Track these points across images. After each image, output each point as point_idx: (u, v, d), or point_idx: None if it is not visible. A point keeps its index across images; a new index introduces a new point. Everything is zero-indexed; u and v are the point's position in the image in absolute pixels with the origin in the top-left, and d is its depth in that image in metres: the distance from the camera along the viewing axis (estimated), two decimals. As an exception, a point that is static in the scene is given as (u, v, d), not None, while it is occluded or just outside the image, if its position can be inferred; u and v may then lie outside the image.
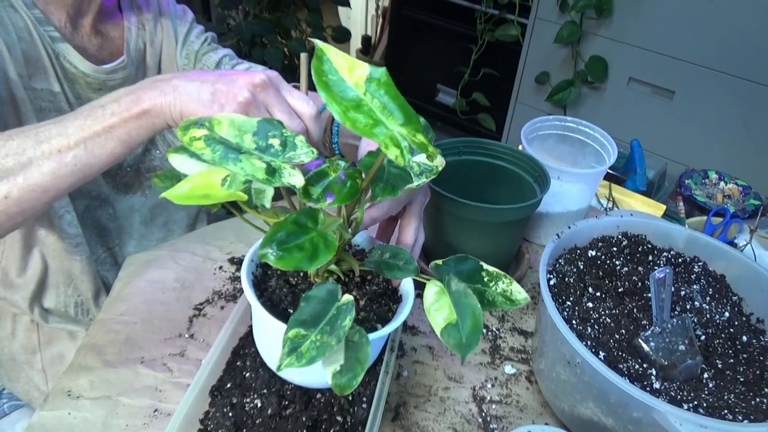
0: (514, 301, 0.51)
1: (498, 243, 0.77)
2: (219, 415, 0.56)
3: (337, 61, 0.41)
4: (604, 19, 1.63)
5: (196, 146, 0.43)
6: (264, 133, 0.46)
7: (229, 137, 0.45)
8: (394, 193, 0.50)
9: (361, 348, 0.46)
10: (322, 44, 0.41)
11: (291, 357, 0.42)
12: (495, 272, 0.52)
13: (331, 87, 0.40)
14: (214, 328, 0.71)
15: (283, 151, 0.46)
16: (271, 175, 0.43)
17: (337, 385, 0.44)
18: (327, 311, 0.45)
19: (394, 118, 0.41)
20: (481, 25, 2.12)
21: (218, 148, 0.43)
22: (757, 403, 0.54)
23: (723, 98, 1.51)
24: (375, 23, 2.98)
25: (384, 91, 0.41)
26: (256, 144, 0.45)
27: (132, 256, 0.82)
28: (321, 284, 0.46)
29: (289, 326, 0.43)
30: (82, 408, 0.59)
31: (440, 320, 0.47)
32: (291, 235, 0.43)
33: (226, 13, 1.99)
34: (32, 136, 0.54)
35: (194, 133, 0.44)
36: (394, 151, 0.40)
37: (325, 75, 0.41)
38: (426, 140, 0.41)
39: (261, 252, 0.42)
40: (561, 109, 1.83)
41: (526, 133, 0.89)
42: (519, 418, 0.64)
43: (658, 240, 0.73)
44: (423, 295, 0.49)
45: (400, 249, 0.53)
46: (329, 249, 0.44)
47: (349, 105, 0.40)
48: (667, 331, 0.59)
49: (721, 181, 1.26)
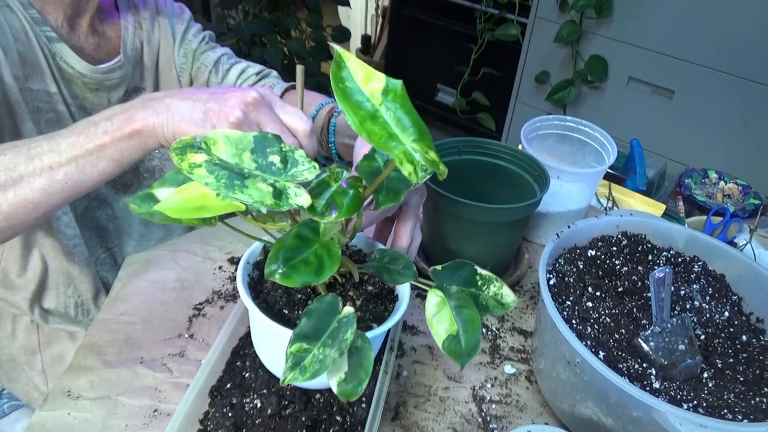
0: (504, 304, 0.52)
1: (498, 243, 0.77)
2: (219, 415, 0.56)
3: (355, 70, 0.41)
4: (603, 19, 1.63)
5: (198, 174, 0.40)
6: (262, 149, 0.44)
7: (227, 157, 0.43)
8: (398, 199, 0.50)
9: (364, 354, 0.46)
10: (342, 51, 0.40)
11: (294, 371, 0.42)
12: (487, 275, 0.53)
13: (348, 95, 0.40)
14: (213, 328, 0.71)
15: (284, 168, 0.44)
16: (278, 198, 0.41)
17: (343, 393, 0.45)
18: (328, 324, 0.45)
19: (408, 134, 0.41)
20: (481, 24, 2.11)
21: (222, 175, 0.41)
22: (756, 402, 0.54)
23: (723, 98, 1.51)
24: (375, 23, 2.98)
25: (399, 105, 0.41)
26: (256, 163, 0.44)
27: (132, 256, 0.82)
28: (321, 297, 0.47)
29: (291, 341, 0.43)
30: (82, 408, 0.59)
31: (442, 332, 0.48)
32: (295, 250, 0.44)
33: (225, 12, 1.99)
34: (24, 151, 0.54)
35: (193, 159, 0.41)
36: (408, 167, 0.40)
37: (342, 82, 0.40)
38: (437, 158, 0.41)
39: (268, 270, 0.42)
40: (561, 109, 1.83)
41: (525, 133, 0.89)
42: (519, 418, 0.64)
43: (658, 239, 0.73)
44: (425, 303, 0.50)
45: (399, 254, 0.54)
46: (334, 261, 0.44)
47: (366, 115, 0.40)
48: (667, 331, 0.59)
49: (721, 181, 1.26)
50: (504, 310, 0.52)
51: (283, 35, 2.02)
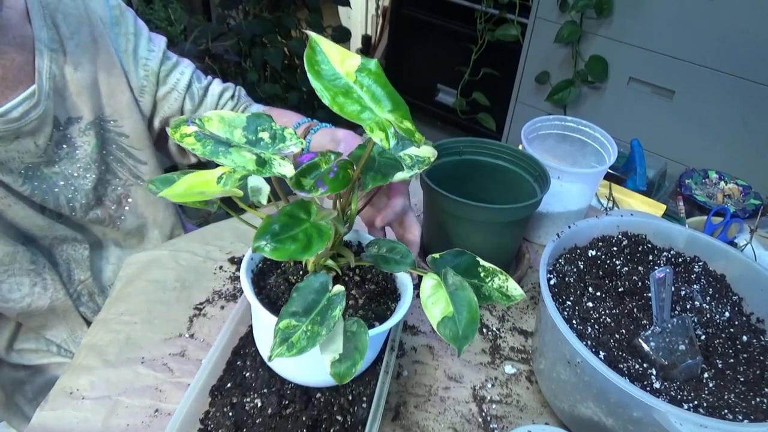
0: (510, 296, 0.52)
1: (498, 243, 0.77)
2: (219, 415, 0.56)
3: (330, 52, 0.43)
4: (604, 19, 1.63)
5: (187, 142, 0.43)
6: (253, 127, 0.47)
7: (219, 133, 0.45)
8: (385, 180, 0.51)
9: (359, 337, 0.46)
10: (314, 35, 0.42)
11: (282, 347, 0.43)
12: (491, 268, 0.53)
13: (322, 76, 0.42)
14: (214, 327, 0.71)
15: (273, 143, 0.46)
16: (261, 165, 0.43)
17: (336, 374, 0.45)
18: (318, 302, 0.45)
19: (382, 106, 0.42)
20: (481, 24, 2.11)
21: (208, 143, 0.44)
22: (757, 402, 0.54)
23: (723, 98, 1.51)
24: (375, 23, 2.98)
25: (374, 80, 0.43)
26: (246, 138, 0.46)
27: (132, 256, 0.81)
28: (312, 275, 0.47)
29: (280, 317, 0.44)
30: (83, 408, 0.59)
31: (437, 313, 0.47)
32: (284, 227, 0.44)
33: (226, 12, 1.98)
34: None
35: (185, 130, 0.44)
36: (380, 134, 0.41)
37: (317, 64, 0.42)
38: (413, 126, 0.42)
39: (255, 244, 0.42)
40: (561, 109, 1.83)
41: (526, 133, 0.89)
42: (519, 418, 0.64)
43: (659, 240, 0.73)
44: (420, 287, 0.50)
45: (397, 243, 0.55)
46: (323, 239, 0.44)
47: (339, 91, 0.42)
48: (667, 331, 0.59)
49: (722, 181, 1.26)
50: (510, 302, 0.52)
51: (283, 35, 2.02)
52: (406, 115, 0.43)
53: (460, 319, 0.46)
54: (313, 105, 2.13)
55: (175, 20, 1.92)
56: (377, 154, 0.54)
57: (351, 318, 0.48)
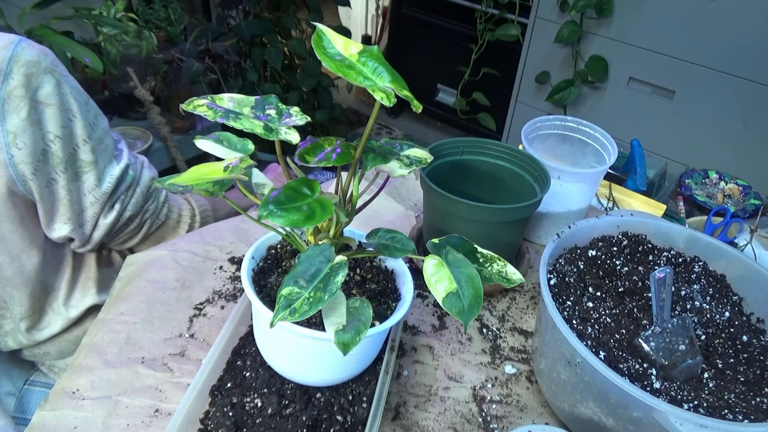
0: (510, 280, 0.53)
1: (498, 243, 0.77)
2: (219, 415, 0.56)
3: (335, 40, 0.47)
4: (604, 19, 1.63)
5: (199, 109, 0.49)
6: (261, 106, 0.52)
7: (229, 108, 0.51)
8: (385, 161, 0.54)
9: (362, 311, 0.48)
10: (321, 27, 0.46)
11: (284, 312, 0.43)
12: (490, 255, 0.55)
13: (329, 55, 0.46)
14: (214, 327, 0.71)
15: (279, 118, 0.51)
16: (269, 131, 0.49)
17: (340, 342, 0.46)
18: (321, 270, 0.46)
19: (383, 78, 0.46)
20: (481, 24, 2.12)
21: (219, 112, 0.49)
22: (757, 402, 0.54)
23: (723, 98, 1.51)
24: (375, 23, 2.98)
25: (375, 60, 0.47)
26: (254, 114, 0.51)
27: (132, 256, 0.81)
28: (316, 246, 0.48)
29: (283, 284, 0.45)
30: (83, 408, 0.59)
31: (441, 290, 0.48)
32: (289, 198, 0.45)
33: (226, 12, 1.98)
34: None
35: (198, 103, 0.50)
36: (380, 94, 0.44)
37: (324, 48, 0.46)
38: (411, 95, 0.46)
39: (260, 211, 0.43)
40: (561, 109, 1.83)
41: (526, 133, 0.89)
42: (519, 418, 0.64)
43: (659, 240, 0.73)
44: (423, 268, 0.51)
45: (396, 232, 0.56)
46: (326, 211, 0.45)
47: (342, 65, 0.45)
48: (668, 331, 0.59)
49: (722, 181, 1.26)
50: (511, 285, 0.53)
51: (283, 35, 2.02)
52: (405, 85, 0.46)
53: (464, 294, 0.47)
54: (313, 105, 2.13)
55: (175, 20, 1.92)
56: (377, 145, 0.57)
57: (353, 297, 0.50)
